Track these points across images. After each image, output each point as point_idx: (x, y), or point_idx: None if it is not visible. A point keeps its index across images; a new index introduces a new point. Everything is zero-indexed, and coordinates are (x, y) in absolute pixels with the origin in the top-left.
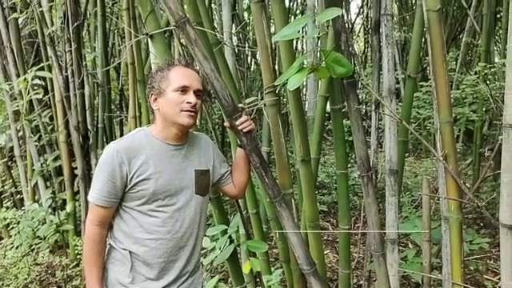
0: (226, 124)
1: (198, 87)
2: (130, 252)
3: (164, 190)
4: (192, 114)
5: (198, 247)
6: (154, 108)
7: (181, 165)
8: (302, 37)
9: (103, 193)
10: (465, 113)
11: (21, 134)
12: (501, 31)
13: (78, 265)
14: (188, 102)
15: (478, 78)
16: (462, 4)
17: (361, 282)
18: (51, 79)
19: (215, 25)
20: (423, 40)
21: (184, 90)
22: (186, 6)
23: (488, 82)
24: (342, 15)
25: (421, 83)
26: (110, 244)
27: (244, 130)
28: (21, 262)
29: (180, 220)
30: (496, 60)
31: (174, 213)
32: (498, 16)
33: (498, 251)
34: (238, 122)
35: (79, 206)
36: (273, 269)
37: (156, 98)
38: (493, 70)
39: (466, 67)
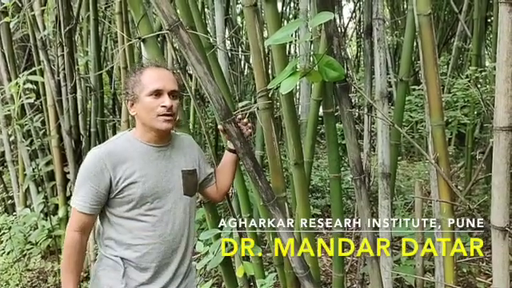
0: (220, 127)
1: (173, 88)
2: (122, 258)
3: (152, 193)
4: (168, 117)
5: (190, 248)
6: (132, 114)
7: (167, 166)
8: (295, 41)
9: (87, 199)
10: (456, 116)
11: (12, 138)
12: (491, 35)
13: None
14: (163, 106)
15: (469, 81)
16: (453, 9)
17: (354, 286)
18: (43, 83)
19: (208, 29)
20: (415, 44)
21: (158, 93)
22: (178, 11)
23: (479, 86)
24: (335, 19)
25: (413, 87)
26: (100, 253)
27: (244, 132)
28: (12, 268)
29: (170, 222)
30: (487, 64)
31: (163, 215)
32: (489, 21)
33: (490, 253)
34: (240, 124)
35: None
36: (266, 273)
37: (132, 104)
38: (484, 73)
39: (457, 71)
